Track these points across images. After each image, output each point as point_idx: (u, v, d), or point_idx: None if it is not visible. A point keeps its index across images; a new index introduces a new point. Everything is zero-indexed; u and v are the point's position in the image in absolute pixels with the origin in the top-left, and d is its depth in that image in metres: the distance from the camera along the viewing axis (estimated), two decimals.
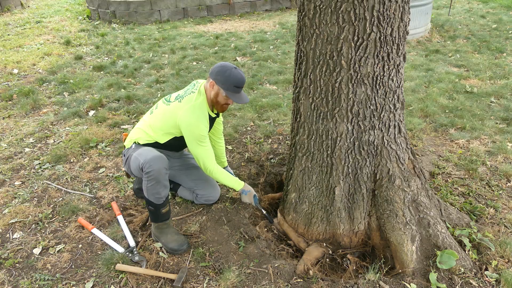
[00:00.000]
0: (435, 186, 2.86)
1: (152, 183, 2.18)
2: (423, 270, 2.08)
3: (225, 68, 2.25)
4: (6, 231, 2.51)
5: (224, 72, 2.23)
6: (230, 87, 2.24)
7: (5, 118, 4.11)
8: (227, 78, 2.23)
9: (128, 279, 2.12)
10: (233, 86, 2.24)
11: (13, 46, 6.68)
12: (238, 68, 2.28)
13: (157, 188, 2.19)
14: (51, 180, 3.04)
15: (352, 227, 2.27)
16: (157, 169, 2.16)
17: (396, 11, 1.82)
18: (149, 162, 2.15)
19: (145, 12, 8.38)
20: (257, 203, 2.53)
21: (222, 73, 2.23)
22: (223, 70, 2.24)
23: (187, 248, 2.31)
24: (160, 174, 2.17)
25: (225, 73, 2.23)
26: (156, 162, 2.16)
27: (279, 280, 2.09)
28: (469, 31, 6.92)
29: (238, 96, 2.29)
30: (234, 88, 2.25)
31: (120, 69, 5.57)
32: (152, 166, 2.15)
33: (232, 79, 2.23)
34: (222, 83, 2.24)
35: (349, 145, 2.08)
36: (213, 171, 2.39)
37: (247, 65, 5.67)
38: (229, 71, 2.23)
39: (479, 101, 4.24)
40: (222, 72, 2.24)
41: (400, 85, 2.05)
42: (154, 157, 2.18)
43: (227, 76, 2.22)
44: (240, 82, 2.25)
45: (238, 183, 2.47)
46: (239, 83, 2.25)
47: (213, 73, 2.28)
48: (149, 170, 2.15)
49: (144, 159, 2.18)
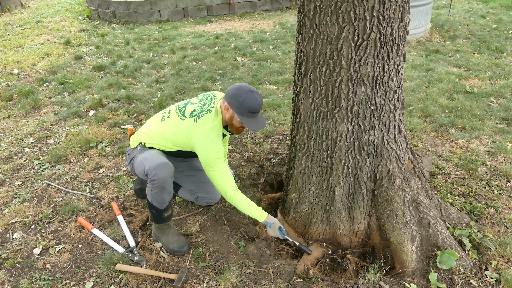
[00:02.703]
0: (435, 186, 2.86)
1: (156, 190, 2.15)
2: (423, 270, 2.08)
3: (240, 92, 2.12)
4: (6, 231, 2.51)
5: (238, 96, 2.11)
6: (245, 112, 2.12)
7: (5, 118, 4.11)
8: (241, 103, 2.10)
9: (128, 279, 2.12)
10: (248, 112, 2.12)
11: (13, 46, 6.68)
12: (255, 90, 2.15)
13: (162, 195, 2.17)
14: (51, 180, 3.04)
15: (352, 227, 2.27)
16: (163, 177, 2.11)
17: (396, 11, 1.82)
18: (155, 169, 2.10)
19: (145, 12, 8.38)
20: (285, 235, 2.29)
21: (236, 98, 2.11)
22: (238, 94, 2.11)
23: (187, 250, 2.30)
24: (165, 182, 2.13)
25: (240, 98, 2.10)
26: (162, 170, 2.11)
27: (279, 280, 2.09)
28: (469, 31, 6.92)
29: (254, 121, 2.16)
30: (249, 114, 2.13)
31: (120, 69, 5.57)
32: (157, 174, 2.10)
33: (246, 104, 2.10)
34: (236, 108, 2.12)
35: (349, 145, 2.08)
36: (233, 198, 2.22)
37: (247, 65, 5.67)
38: (244, 96, 2.10)
39: (479, 101, 4.24)
40: (237, 96, 2.11)
41: (400, 85, 2.05)
42: (160, 164, 2.12)
43: (242, 102, 2.10)
44: (256, 107, 2.12)
45: (261, 214, 2.26)
46: (254, 108, 2.12)
47: (228, 96, 2.15)
48: (154, 178, 2.11)
49: (149, 166, 2.12)
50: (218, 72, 5.43)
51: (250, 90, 2.14)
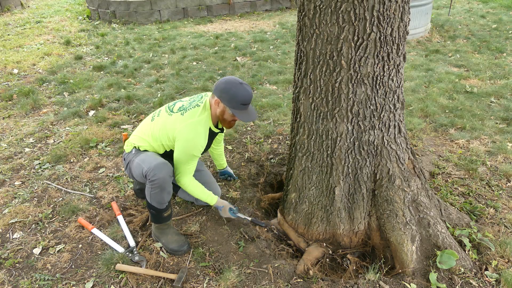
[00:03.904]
0: (435, 186, 2.86)
1: (156, 190, 2.14)
2: (423, 270, 2.08)
3: (230, 85, 2.13)
4: (6, 231, 2.51)
5: (229, 90, 2.12)
6: (237, 105, 2.13)
7: (5, 118, 4.11)
8: (233, 96, 2.11)
9: (128, 279, 2.12)
10: (240, 104, 2.14)
11: (13, 46, 6.68)
12: (244, 82, 2.16)
13: (161, 195, 2.17)
14: (51, 180, 3.04)
15: (352, 227, 2.27)
16: (162, 177, 2.10)
17: (396, 11, 1.82)
18: (153, 170, 2.09)
19: (145, 12, 8.39)
20: (236, 214, 2.41)
21: (227, 91, 2.12)
22: (228, 87, 2.12)
23: (187, 249, 2.30)
24: (165, 182, 2.12)
25: (230, 90, 2.11)
26: (160, 170, 2.10)
27: (279, 280, 2.09)
28: (469, 31, 6.92)
29: (246, 113, 2.18)
30: (241, 106, 2.15)
31: (120, 69, 5.57)
32: (157, 175, 2.09)
33: (238, 97, 2.11)
34: (227, 101, 2.13)
35: (349, 145, 2.08)
36: (186, 184, 2.31)
37: (247, 65, 5.67)
38: (234, 89, 2.11)
39: (479, 101, 4.24)
40: (227, 89, 2.12)
41: (400, 85, 2.05)
42: (158, 164, 2.12)
43: (233, 94, 2.11)
44: (247, 99, 2.14)
45: (211, 198, 2.36)
46: (246, 100, 2.14)
47: (218, 90, 2.16)
48: (154, 179, 2.10)
49: (148, 167, 2.12)
50: (218, 72, 5.43)
51: (240, 83, 2.14)
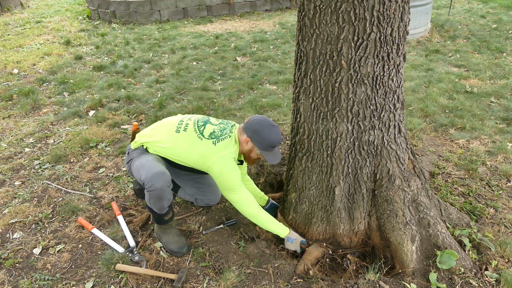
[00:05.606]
0: (435, 186, 2.86)
1: (154, 199, 2.14)
2: (423, 270, 2.08)
3: (263, 127, 2.16)
4: (6, 231, 2.51)
5: (261, 132, 2.16)
6: (267, 147, 2.20)
7: (5, 118, 4.11)
8: (264, 139, 2.16)
9: (128, 279, 2.12)
10: (270, 147, 2.20)
11: (13, 46, 6.68)
12: (275, 125, 2.21)
13: (160, 203, 2.16)
14: (51, 180, 3.04)
15: (352, 227, 2.27)
16: (160, 188, 2.09)
17: (396, 11, 1.82)
18: (151, 180, 2.08)
19: (145, 12, 8.38)
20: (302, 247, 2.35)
21: (259, 133, 2.16)
22: (261, 130, 2.16)
23: (186, 252, 2.30)
24: (163, 191, 2.11)
25: (263, 134, 2.16)
26: (158, 180, 2.08)
27: (279, 280, 2.09)
28: (469, 31, 6.92)
29: (272, 155, 2.25)
30: (270, 148, 2.21)
31: (120, 69, 5.57)
32: (154, 185, 2.08)
33: (269, 140, 2.17)
34: (258, 143, 2.18)
35: (349, 145, 2.08)
36: (257, 216, 2.23)
37: (247, 65, 5.67)
38: (267, 132, 2.16)
39: (479, 101, 4.24)
40: (260, 132, 2.16)
41: (400, 85, 2.05)
42: (156, 174, 2.09)
43: (265, 137, 2.16)
44: (277, 142, 2.20)
45: (283, 230, 2.29)
46: (276, 143, 2.20)
47: (249, 130, 2.18)
48: (152, 189, 2.09)
49: (146, 175, 2.10)
50: (218, 72, 5.43)
51: (272, 125, 2.19)
